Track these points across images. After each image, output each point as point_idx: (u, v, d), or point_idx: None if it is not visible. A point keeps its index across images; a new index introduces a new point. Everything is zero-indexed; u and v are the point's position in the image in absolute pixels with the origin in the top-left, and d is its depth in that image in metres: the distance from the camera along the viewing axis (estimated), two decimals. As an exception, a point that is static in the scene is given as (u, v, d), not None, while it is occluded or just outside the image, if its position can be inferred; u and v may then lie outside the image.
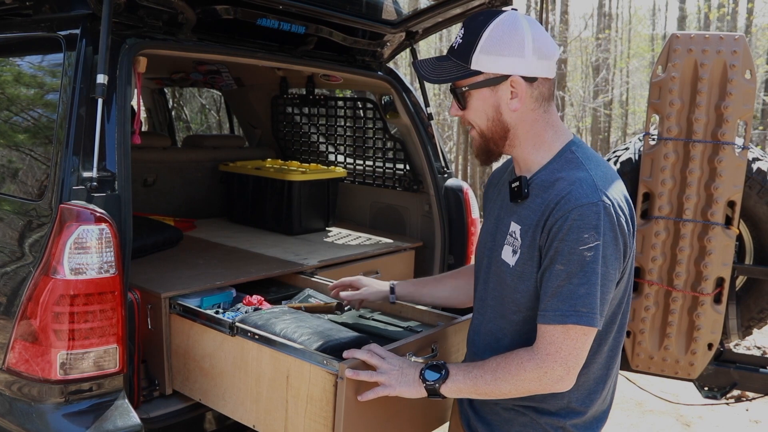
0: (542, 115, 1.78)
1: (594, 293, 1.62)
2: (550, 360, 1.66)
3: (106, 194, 2.27)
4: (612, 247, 1.63)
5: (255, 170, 4.07)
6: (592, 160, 1.76)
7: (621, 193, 1.72)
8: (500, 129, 1.79)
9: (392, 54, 3.85)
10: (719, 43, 3.20)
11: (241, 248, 3.45)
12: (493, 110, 1.77)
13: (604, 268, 1.63)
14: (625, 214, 1.67)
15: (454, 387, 1.77)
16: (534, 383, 1.69)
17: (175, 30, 2.80)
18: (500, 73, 1.73)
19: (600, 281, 1.63)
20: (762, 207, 3.33)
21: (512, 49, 1.71)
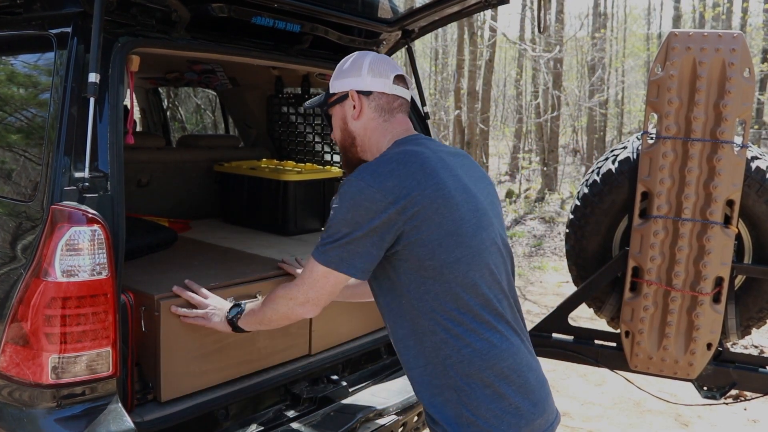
0: (382, 124, 2.18)
1: (326, 239, 2.00)
2: (296, 287, 2.12)
3: (98, 195, 2.23)
4: (354, 210, 1.93)
5: (250, 170, 4.03)
6: (387, 154, 2.07)
7: (392, 176, 1.95)
8: (349, 137, 2.23)
9: (388, 53, 3.81)
10: (718, 41, 3.18)
11: (237, 249, 3.42)
12: (342, 122, 2.23)
13: (344, 227, 1.95)
14: (376, 190, 1.93)
15: (246, 320, 2.36)
16: (284, 305, 2.18)
17: (169, 28, 2.76)
18: (343, 91, 2.20)
19: (337, 233, 1.97)
20: (761, 206, 3.31)
21: (352, 71, 2.20)
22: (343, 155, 2.30)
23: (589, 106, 19.02)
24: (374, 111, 2.18)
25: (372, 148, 2.19)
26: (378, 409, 2.95)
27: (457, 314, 1.98)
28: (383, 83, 2.17)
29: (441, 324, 1.98)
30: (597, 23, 24.56)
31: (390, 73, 2.19)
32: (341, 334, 3.31)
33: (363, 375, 3.33)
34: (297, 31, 3.21)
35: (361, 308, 3.41)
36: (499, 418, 1.96)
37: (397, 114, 2.20)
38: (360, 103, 2.17)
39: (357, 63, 2.20)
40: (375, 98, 2.17)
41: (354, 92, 2.17)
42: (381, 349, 3.52)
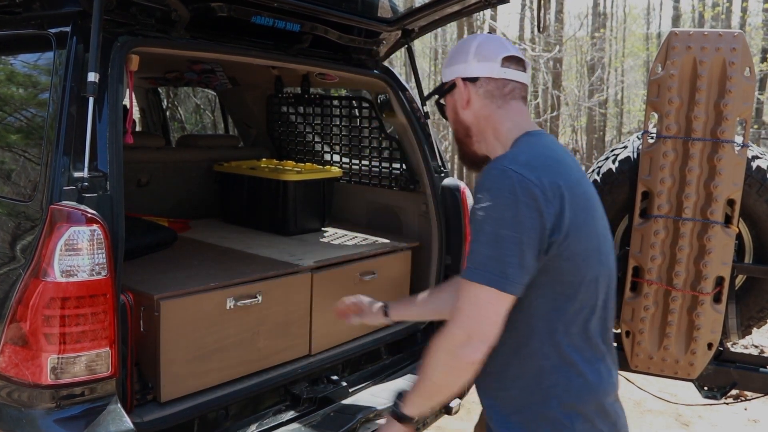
0: (496, 110, 1.94)
1: (482, 251, 1.64)
2: (452, 326, 1.68)
3: (97, 195, 2.22)
4: (511, 208, 1.63)
5: (250, 170, 4.02)
6: (527, 144, 1.85)
7: (546, 173, 1.69)
8: (462, 128, 2.02)
9: (388, 52, 3.80)
10: (718, 40, 3.17)
11: (236, 249, 3.41)
12: (453, 113, 2.03)
13: (502, 229, 1.63)
14: (536, 185, 1.65)
15: (410, 404, 1.84)
16: (445, 356, 1.69)
17: (168, 28, 2.75)
18: (451, 80, 2.00)
19: (493, 241, 1.63)
20: (762, 205, 3.30)
21: (459, 57, 1.99)
22: (458, 147, 2.09)
23: (589, 105, 19.02)
24: (484, 98, 1.95)
25: (488, 138, 1.96)
26: (378, 409, 2.94)
27: (579, 340, 1.77)
28: (489, 67, 1.94)
29: (558, 349, 1.75)
30: (596, 23, 24.55)
31: (497, 55, 1.94)
32: (341, 334, 3.30)
33: (363, 375, 3.32)
34: (297, 30, 3.20)
35: None
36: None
37: (510, 101, 1.95)
38: (467, 91, 1.96)
39: (464, 47, 1.99)
40: (482, 84, 1.94)
41: (460, 80, 1.97)
42: (381, 350, 3.52)
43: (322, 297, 3.16)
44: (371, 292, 3.31)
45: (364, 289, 3.33)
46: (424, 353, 1.75)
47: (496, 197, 1.65)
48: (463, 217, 3.68)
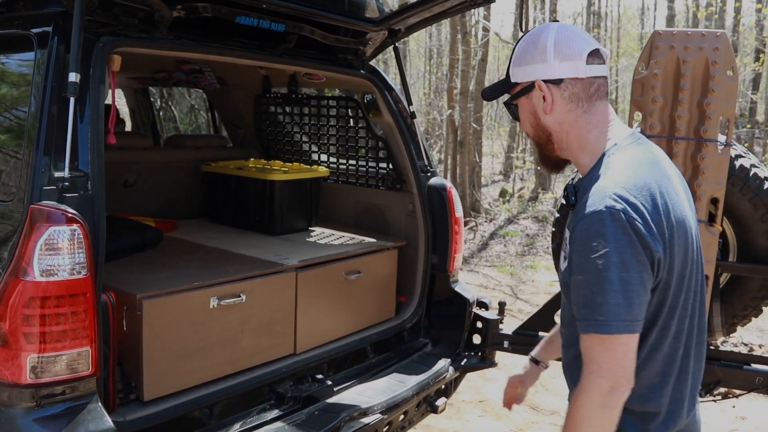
0: (582, 115, 1.80)
1: (610, 300, 1.59)
2: (593, 377, 1.65)
3: (78, 194, 2.23)
4: (629, 250, 1.59)
5: (237, 170, 4.03)
6: (623, 163, 1.72)
7: (643, 196, 1.64)
8: (543, 133, 1.87)
9: (375, 52, 3.81)
10: (701, 39, 3.19)
11: (222, 248, 3.42)
12: (532, 116, 1.86)
13: (625, 272, 1.59)
14: (643, 218, 1.61)
15: None
16: (594, 407, 1.65)
17: (151, 28, 2.76)
18: (528, 81, 1.82)
19: (620, 287, 1.59)
20: (745, 204, 3.32)
21: (535, 56, 1.80)
22: (539, 151, 1.96)
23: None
24: (569, 102, 1.80)
25: (572, 145, 1.84)
26: (362, 408, 2.95)
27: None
28: (575, 66, 1.78)
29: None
30: (591, 22, 24.59)
31: (582, 51, 1.78)
32: (327, 333, 3.31)
33: (349, 374, 3.33)
34: (282, 30, 3.20)
35: (347, 307, 3.42)
36: None
37: (596, 102, 1.80)
38: (550, 94, 1.80)
39: (540, 44, 1.80)
40: (568, 86, 1.79)
41: (541, 82, 1.80)
42: (367, 349, 3.52)
43: (307, 296, 3.17)
44: (356, 291, 3.34)
45: (349, 288, 3.35)
46: (569, 411, 1.70)
47: (615, 242, 1.59)
48: (450, 216, 3.69)
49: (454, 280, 3.78)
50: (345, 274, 3.39)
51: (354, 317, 3.48)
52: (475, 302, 3.75)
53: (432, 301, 3.78)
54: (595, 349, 1.64)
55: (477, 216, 12.85)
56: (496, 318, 3.68)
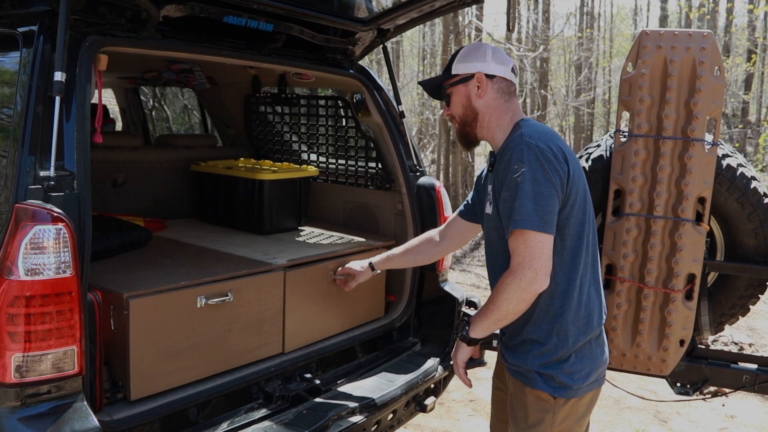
0: (503, 104, 2.46)
1: (525, 205, 2.17)
2: (520, 268, 2.20)
3: (64, 194, 2.23)
4: (539, 170, 2.19)
5: (226, 170, 4.02)
6: (531, 126, 2.35)
7: (550, 141, 2.27)
8: (471, 113, 2.48)
9: (364, 52, 3.82)
10: (688, 39, 3.20)
11: (211, 248, 3.42)
12: (465, 99, 2.48)
13: (535, 186, 2.17)
14: (552, 149, 2.23)
15: (478, 329, 2.38)
16: (517, 292, 2.21)
17: (139, 27, 2.76)
18: (469, 72, 2.47)
19: (533, 196, 2.17)
20: (732, 203, 3.33)
21: (477, 56, 2.47)
22: (461, 129, 2.54)
23: (576, 105, 19.06)
24: (496, 92, 2.45)
25: (492, 124, 2.46)
26: (350, 407, 2.96)
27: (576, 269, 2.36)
28: (504, 70, 2.47)
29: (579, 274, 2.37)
30: (583, 23, 24.63)
31: (508, 63, 2.50)
32: (315, 332, 3.31)
33: (337, 373, 3.34)
34: (270, 30, 3.21)
35: (335, 306, 3.42)
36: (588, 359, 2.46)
37: (512, 98, 2.49)
38: (485, 84, 2.43)
39: (480, 50, 2.48)
40: (497, 81, 2.45)
41: (481, 74, 2.43)
42: (356, 348, 3.53)
43: (296, 295, 3.18)
44: (341, 290, 3.34)
45: (338, 287, 3.36)
46: (496, 290, 2.26)
47: (528, 164, 2.18)
48: (439, 215, 3.70)
49: (443, 279, 3.79)
50: (334, 274, 3.39)
51: (343, 316, 3.49)
52: (465, 301, 3.76)
53: (421, 301, 3.79)
54: (519, 246, 2.21)
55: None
56: (484, 317, 3.68)
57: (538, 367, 2.36)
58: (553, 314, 2.35)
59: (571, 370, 2.35)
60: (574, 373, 2.35)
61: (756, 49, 21.84)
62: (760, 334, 6.89)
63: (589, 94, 20.49)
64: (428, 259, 3.17)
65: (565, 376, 2.34)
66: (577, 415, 2.43)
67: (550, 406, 2.38)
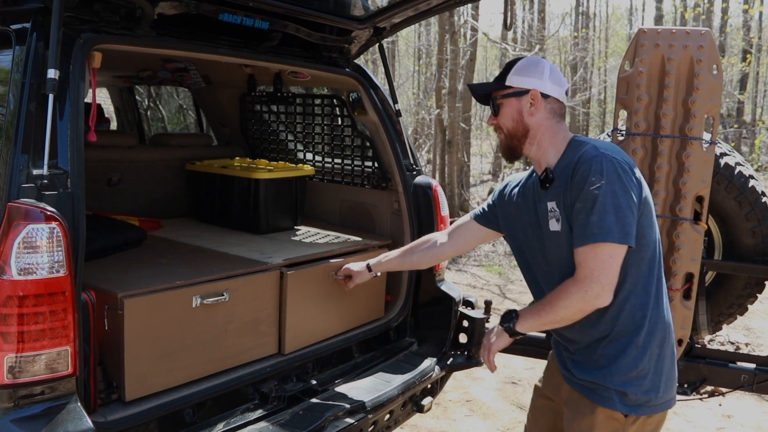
0: (555, 124, 2.41)
1: (606, 219, 2.13)
2: (587, 281, 2.17)
3: (57, 192, 2.20)
4: (618, 183, 2.15)
5: (221, 169, 4.00)
6: (595, 141, 2.33)
7: (620, 153, 2.26)
8: (522, 128, 2.42)
9: (360, 50, 3.80)
10: (686, 38, 3.19)
11: (206, 247, 3.39)
12: (517, 114, 2.42)
13: (614, 199, 2.14)
14: (626, 161, 2.22)
15: (526, 324, 2.37)
16: (579, 303, 2.19)
17: (133, 25, 2.73)
18: (524, 87, 2.40)
19: (612, 209, 2.13)
20: (730, 202, 3.32)
21: (535, 72, 2.41)
22: (508, 142, 2.48)
23: (572, 105, 19.05)
24: (549, 112, 2.41)
25: (544, 143, 2.41)
26: (347, 407, 2.93)
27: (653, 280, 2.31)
28: (560, 92, 2.43)
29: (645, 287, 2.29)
30: (578, 23, 24.65)
31: (564, 85, 2.46)
32: (313, 332, 3.29)
33: (334, 374, 3.31)
34: (266, 28, 3.18)
35: (336, 307, 3.37)
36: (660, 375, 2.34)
37: (562, 120, 2.45)
38: (539, 102, 2.39)
39: (539, 67, 2.42)
40: (551, 102, 2.41)
41: (537, 91, 2.38)
42: (353, 348, 3.50)
43: (292, 295, 3.15)
44: (342, 291, 3.32)
45: (335, 287, 3.33)
46: (557, 294, 2.25)
47: (607, 177, 2.15)
48: (435, 214, 3.68)
49: (440, 279, 3.77)
50: (335, 274, 3.36)
51: (343, 317, 3.45)
52: (462, 301, 3.74)
53: (418, 301, 3.77)
54: (588, 258, 2.17)
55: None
56: (482, 317, 3.66)
57: (617, 384, 2.26)
58: (634, 327, 2.26)
59: (649, 386, 2.26)
60: (651, 390, 2.26)
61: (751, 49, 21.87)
62: (756, 334, 6.88)
63: (584, 94, 20.50)
64: (426, 263, 3.16)
65: (643, 393, 2.26)
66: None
67: (620, 425, 2.30)
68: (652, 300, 2.28)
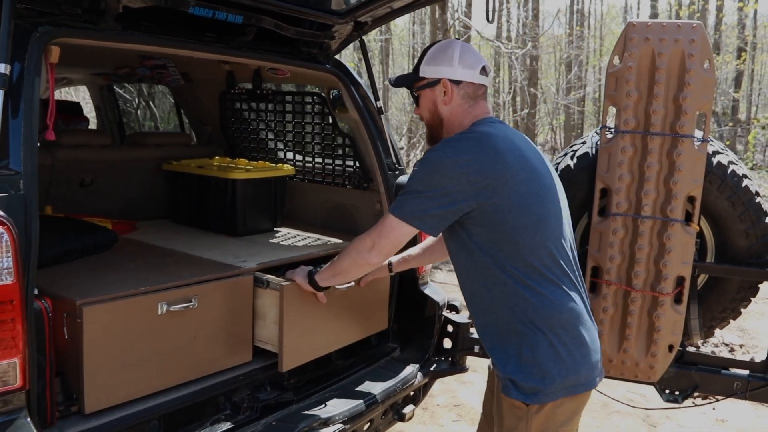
0: (467, 109, 2.44)
1: (403, 196, 2.29)
2: (366, 236, 2.41)
3: (8, 195, 2.07)
4: (427, 176, 2.23)
5: (198, 169, 3.87)
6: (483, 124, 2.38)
7: (462, 147, 2.24)
8: (437, 118, 2.47)
9: (341, 46, 3.67)
10: (677, 31, 3.07)
11: (179, 251, 3.26)
12: (432, 104, 2.47)
13: (416, 186, 2.25)
14: (452, 160, 2.20)
15: (322, 274, 2.67)
16: (354, 254, 2.47)
17: (97, 18, 2.61)
18: (435, 77, 2.43)
19: (413, 193, 2.25)
20: (723, 202, 3.20)
21: (443, 60, 2.43)
22: (429, 132, 2.55)
23: (566, 103, 18.98)
24: (462, 98, 2.42)
25: (455, 128, 2.43)
26: (323, 417, 2.82)
27: (525, 270, 2.23)
28: (472, 74, 2.42)
29: (512, 276, 2.23)
30: (572, 21, 24.58)
31: (477, 65, 2.43)
32: (316, 348, 3.07)
33: (310, 381, 3.17)
34: (240, 22, 3.05)
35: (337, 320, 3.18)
36: (552, 361, 2.22)
37: (479, 100, 2.45)
38: (451, 90, 2.41)
39: (448, 52, 2.42)
40: (464, 87, 2.42)
41: (446, 80, 2.40)
42: (331, 354, 3.37)
43: (294, 310, 2.90)
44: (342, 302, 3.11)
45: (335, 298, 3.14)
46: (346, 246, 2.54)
47: (423, 166, 2.24)
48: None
49: (423, 282, 3.65)
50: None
51: (344, 329, 3.25)
52: (446, 305, 3.62)
53: (401, 304, 3.64)
54: (380, 220, 2.39)
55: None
56: (466, 321, 3.55)
57: (509, 372, 2.27)
58: (510, 315, 2.27)
59: (541, 374, 2.22)
60: (544, 377, 2.22)
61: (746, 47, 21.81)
62: (750, 335, 6.77)
63: (579, 92, 20.43)
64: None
65: (535, 381, 2.23)
66: (555, 423, 2.29)
67: (523, 413, 2.27)
68: (530, 286, 2.23)
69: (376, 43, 23.84)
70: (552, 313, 2.24)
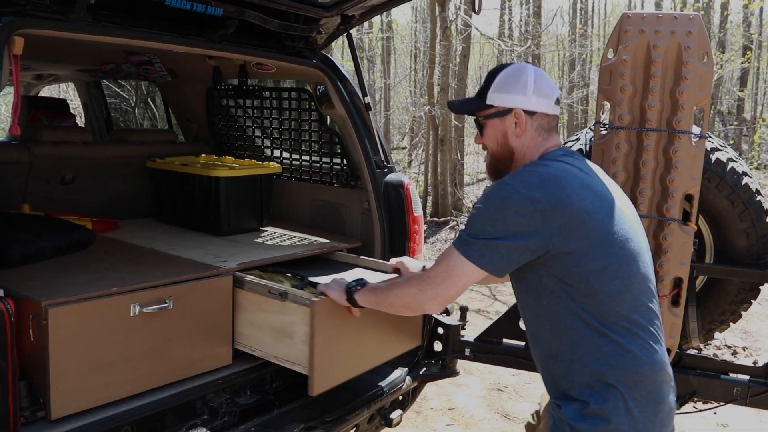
0: (540, 142, 2.20)
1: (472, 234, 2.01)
2: (428, 280, 2.09)
3: None
4: (495, 213, 1.98)
5: (182, 166, 3.76)
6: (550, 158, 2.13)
7: (534, 183, 1.98)
8: (507, 151, 2.24)
9: (327, 40, 3.58)
10: (673, 23, 2.96)
11: (159, 250, 3.16)
12: (502, 136, 2.23)
13: (482, 225, 2.00)
14: (523, 196, 1.95)
15: (365, 295, 2.38)
16: (411, 297, 2.16)
17: (67, 9, 2.51)
18: (507, 107, 2.19)
19: (479, 234, 2.00)
20: (722, 201, 3.10)
21: (517, 87, 2.18)
22: (493, 164, 2.30)
23: (570, 102, 18.84)
24: (536, 130, 2.20)
25: (525, 162, 2.21)
26: (305, 423, 2.72)
27: (601, 318, 1.99)
28: (547, 104, 2.21)
29: (584, 322, 2.00)
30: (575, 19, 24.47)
31: (552, 94, 2.23)
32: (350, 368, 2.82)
33: (293, 385, 3.06)
34: (219, 15, 2.95)
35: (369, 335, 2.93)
36: (622, 416, 1.98)
37: (552, 133, 2.24)
38: (524, 122, 2.18)
39: (521, 79, 2.19)
40: (538, 118, 2.20)
41: (519, 110, 2.18)
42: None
43: (321, 325, 2.65)
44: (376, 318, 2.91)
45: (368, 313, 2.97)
46: (402, 280, 2.26)
47: (488, 202, 2.01)
48: (407, 214, 3.45)
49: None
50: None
51: (378, 346, 2.98)
52: (438, 308, 3.51)
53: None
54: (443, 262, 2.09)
55: (459, 215, 12.64)
56: (457, 323, 3.44)
57: (570, 418, 2.04)
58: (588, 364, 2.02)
59: (611, 428, 1.99)
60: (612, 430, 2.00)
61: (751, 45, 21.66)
62: (754, 337, 6.65)
63: (582, 91, 20.29)
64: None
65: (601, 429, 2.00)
66: None
67: None
68: (605, 334, 2.00)
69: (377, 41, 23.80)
70: (627, 366, 2.00)
